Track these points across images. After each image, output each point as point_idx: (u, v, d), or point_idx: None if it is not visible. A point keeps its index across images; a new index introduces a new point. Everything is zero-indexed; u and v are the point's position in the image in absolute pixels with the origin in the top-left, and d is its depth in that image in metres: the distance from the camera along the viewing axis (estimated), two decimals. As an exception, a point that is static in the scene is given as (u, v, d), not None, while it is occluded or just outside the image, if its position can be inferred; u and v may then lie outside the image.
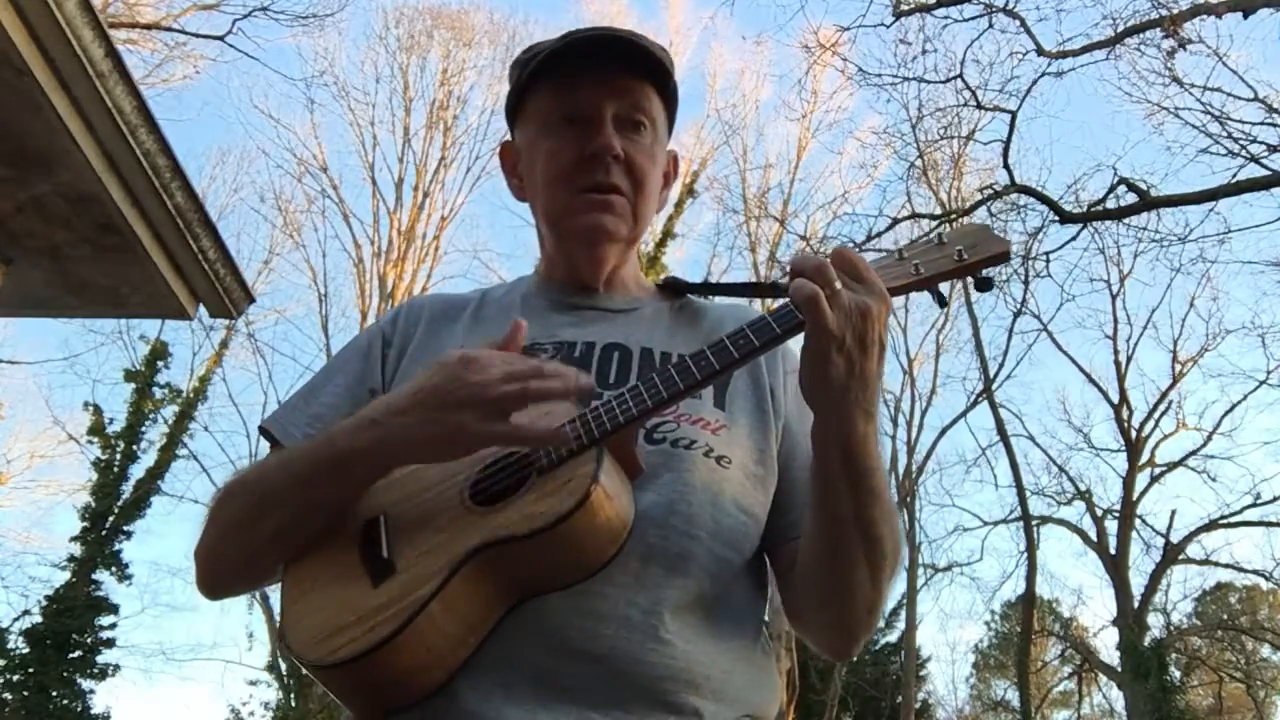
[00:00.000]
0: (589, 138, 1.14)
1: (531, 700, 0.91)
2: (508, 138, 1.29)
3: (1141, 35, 9.85)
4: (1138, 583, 17.34)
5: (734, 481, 1.05)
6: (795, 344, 0.97)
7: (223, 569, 1.07)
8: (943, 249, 0.96)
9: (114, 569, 14.26)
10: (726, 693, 0.98)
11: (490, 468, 0.96)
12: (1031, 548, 16.47)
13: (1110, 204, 9.85)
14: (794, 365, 1.17)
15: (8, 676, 13.06)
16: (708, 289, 1.30)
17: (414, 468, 0.99)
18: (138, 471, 15.18)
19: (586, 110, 1.14)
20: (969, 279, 0.97)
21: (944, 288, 0.98)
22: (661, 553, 0.98)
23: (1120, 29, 9.74)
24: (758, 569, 1.10)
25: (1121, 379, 18.42)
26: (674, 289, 1.29)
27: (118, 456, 15.10)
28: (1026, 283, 13.35)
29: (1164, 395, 18.21)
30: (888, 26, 10.48)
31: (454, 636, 0.90)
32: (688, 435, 1.04)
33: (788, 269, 0.94)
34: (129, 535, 14.59)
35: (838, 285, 0.88)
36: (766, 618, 1.13)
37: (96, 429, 15.45)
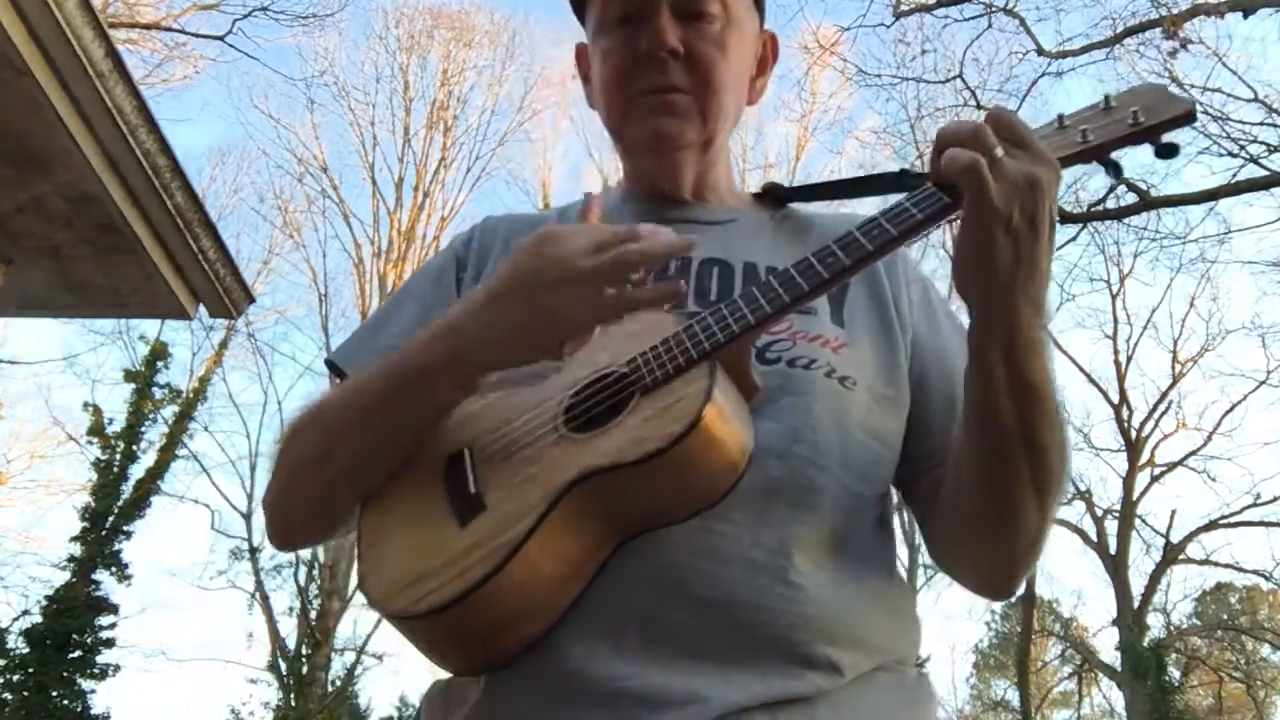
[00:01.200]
0: (642, 34, 1.02)
1: (643, 654, 0.80)
2: (583, 40, 1.18)
3: (1141, 35, 9.86)
4: (1138, 583, 17.36)
5: (861, 404, 0.93)
6: (918, 250, 0.85)
7: (295, 514, 0.97)
8: (1111, 114, 0.83)
9: (114, 569, 14.24)
10: (866, 641, 0.86)
11: (586, 389, 0.85)
12: (1031, 548, 16.43)
13: (1110, 204, 9.86)
14: (917, 274, 1.10)
15: (7, 676, 13.06)
16: (815, 192, 1.18)
17: (501, 394, 0.89)
18: (138, 471, 15.16)
19: (639, 3, 1.03)
20: (1150, 145, 0.83)
21: (1118, 158, 0.84)
22: (787, 485, 0.87)
23: (1120, 29, 9.75)
24: (888, 503, 0.99)
25: (1121, 379, 18.43)
26: (775, 197, 1.16)
27: (117, 457, 15.08)
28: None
29: (1164, 395, 18.22)
30: (888, 27, 10.51)
31: (554, 581, 0.80)
32: (806, 354, 0.93)
33: (937, 138, 0.81)
34: (129, 535, 14.57)
35: (999, 152, 0.75)
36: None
37: (96, 429, 15.43)
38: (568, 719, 0.80)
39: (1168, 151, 0.83)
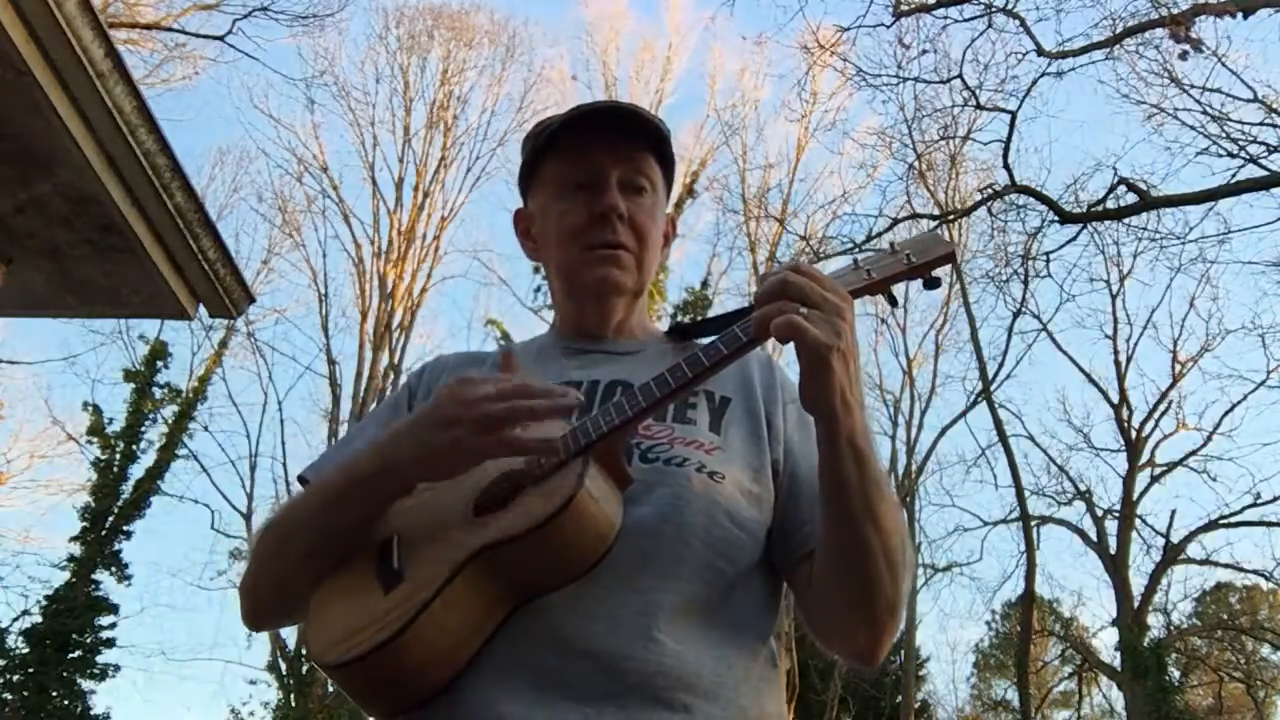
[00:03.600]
0: (596, 200, 1.25)
1: (531, 696, 0.96)
2: (520, 206, 1.42)
3: (1141, 36, 9.85)
4: (1138, 583, 17.35)
5: (727, 495, 1.10)
6: (793, 374, 1.05)
7: (260, 599, 1.16)
8: (894, 255, 1.05)
9: (114, 569, 14.26)
10: (719, 695, 1.01)
11: (492, 484, 1.04)
12: (1031, 548, 16.46)
13: (1110, 204, 9.86)
14: (793, 395, 1.23)
15: (7, 676, 13.06)
16: (708, 326, 1.36)
17: (427, 495, 1.07)
18: (137, 471, 15.19)
19: (594, 175, 1.26)
20: (919, 280, 1.06)
21: (899, 290, 1.08)
22: (654, 558, 1.04)
23: (1120, 29, 9.74)
24: (761, 585, 1.14)
25: (1121, 379, 18.43)
26: (679, 332, 1.37)
27: (117, 456, 15.10)
28: (1026, 283, 13.40)
29: (1164, 395, 18.22)
30: (888, 27, 10.49)
31: (457, 635, 0.97)
32: (681, 454, 1.11)
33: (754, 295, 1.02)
34: (129, 535, 14.60)
35: (804, 310, 0.95)
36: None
37: (96, 429, 15.44)
38: None
39: (932, 284, 1.06)
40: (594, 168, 1.26)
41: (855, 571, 1.03)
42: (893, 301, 1.11)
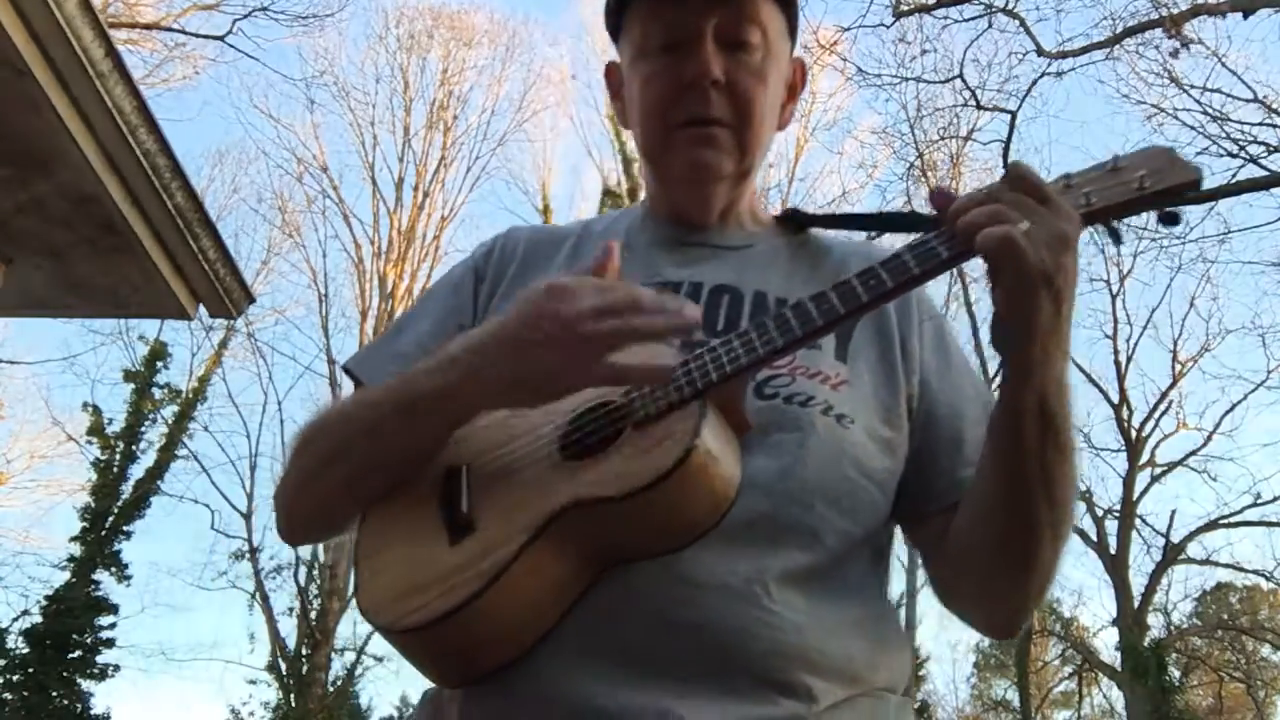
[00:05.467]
0: (685, 63, 1.01)
1: (620, 677, 0.81)
2: (614, 58, 1.17)
3: (1141, 36, 9.86)
4: (1138, 583, 17.34)
5: (856, 443, 0.93)
6: (931, 289, 0.88)
7: (299, 516, 1.01)
8: (1118, 175, 0.82)
9: (114, 569, 14.25)
10: (845, 670, 0.87)
11: (583, 417, 0.87)
12: (1031, 548, 16.43)
13: (1110, 204, 9.83)
14: (930, 311, 1.09)
15: (7, 677, 13.06)
16: (834, 221, 1.18)
17: (502, 415, 0.90)
18: (137, 472, 15.18)
19: (683, 31, 1.02)
20: (1153, 212, 0.84)
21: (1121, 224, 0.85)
22: (770, 519, 0.87)
23: (1120, 29, 9.75)
24: (882, 541, 1.00)
25: (1121, 379, 18.43)
26: (795, 222, 1.16)
27: (117, 457, 15.09)
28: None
29: (1164, 395, 18.22)
30: (888, 27, 10.50)
31: (536, 604, 0.82)
32: (804, 391, 0.93)
33: (931, 199, 0.84)
34: (129, 535, 14.59)
35: (1023, 224, 0.77)
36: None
37: (96, 429, 15.43)
38: None
39: (1170, 219, 0.85)
40: (684, 21, 1.01)
41: (1014, 542, 0.89)
42: (1117, 238, 0.85)
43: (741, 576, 0.85)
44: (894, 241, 0.97)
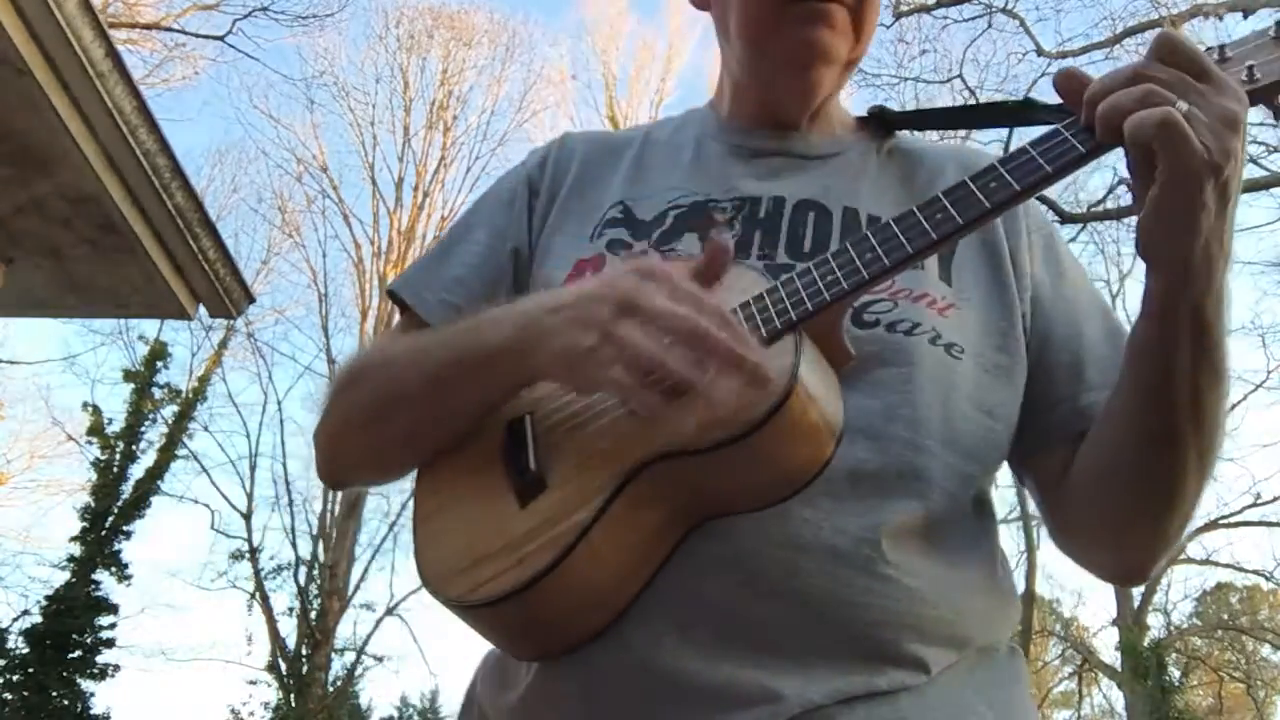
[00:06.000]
0: None
1: (714, 647, 0.74)
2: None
3: (1141, 36, 9.86)
4: (1138, 583, 17.35)
5: (969, 376, 0.84)
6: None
7: (347, 462, 0.94)
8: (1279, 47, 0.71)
9: (114, 569, 14.24)
10: (959, 633, 0.79)
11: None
12: (1031, 547, 16.47)
13: (1110, 204, 9.88)
14: (1040, 221, 0.99)
15: (7, 677, 13.05)
16: (929, 119, 1.08)
17: None
18: (137, 471, 15.16)
19: None
20: None
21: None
22: (879, 469, 0.78)
23: (1120, 29, 9.76)
24: (987, 479, 0.90)
25: (1121, 379, 18.42)
26: (884, 124, 1.05)
27: (117, 456, 15.08)
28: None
29: (1164, 395, 18.21)
30: (887, 27, 10.51)
31: (620, 570, 0.73)
32: (909, 317, 0.83)
33: (1057, 84, 0.73)
34: (129, 535, 14.57)
35: (1182, 105, 0.65)
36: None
37: (96, 429, 15.43)
38: (631, 713, 0.75)
39: None
40: None
41: (1158, 475, 0.80)
42: None
43: (850, 536, 0.76)
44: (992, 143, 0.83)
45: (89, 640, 13.57)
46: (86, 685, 13.41)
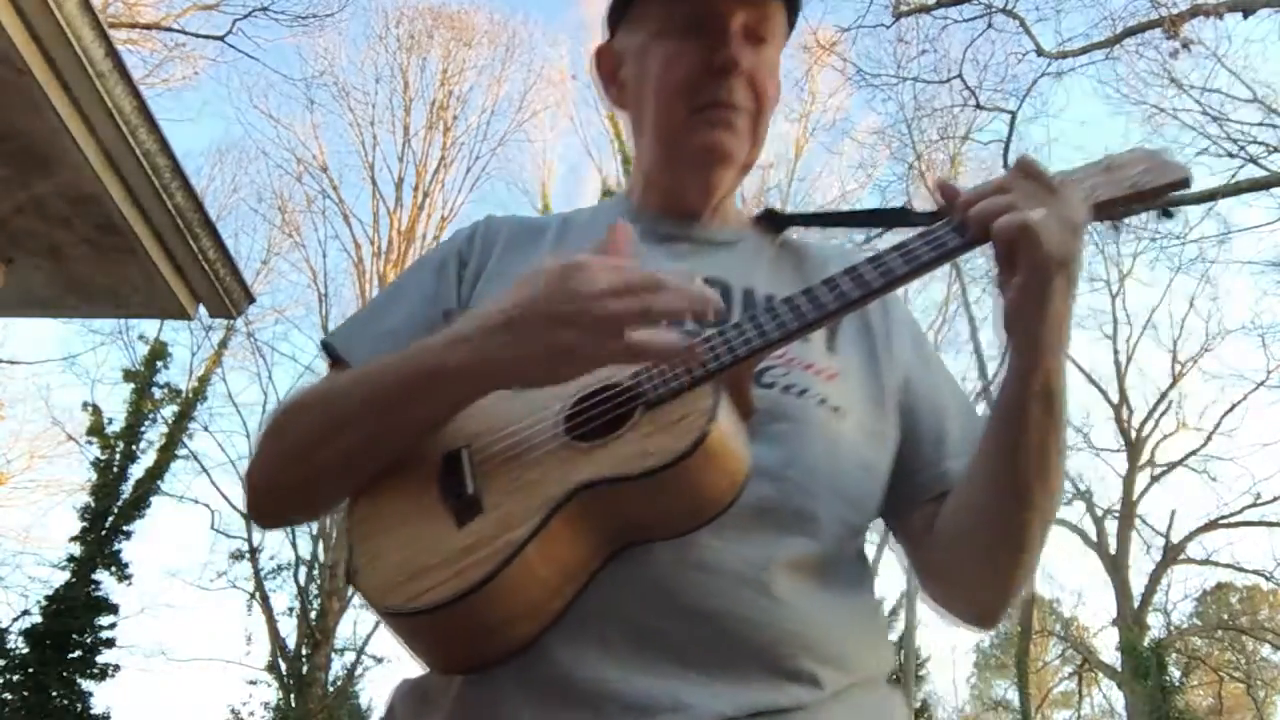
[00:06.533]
0: (714, 49, 1.03)
1: (632, 660, 0.81)
2: (604, 41, 1.17)
3: (1141, 36, 9.86)
4: (1138, 583, 17.37)
5: (851, 435, 0.96)
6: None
7: (282, 494, 0.96)
8: (1112, 174, 0.89)
9: (114, 569, 14.24)
10: (845, 658, 0.89)
11: (588, 399, 0.85)
12: (1031, 548, 16.45)
13: (1110, 204, 9.84)
14: (907, 315, 1.13)
15: (7, 677, 13.05)
16: (814, 219, 1.20)
17: (501, 396, 0.87)
18: (137, 471, 15.16)
19: (713, 18, 1.03)
20: (1149, 207, 0.90)
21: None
22: (778, 506, 0.89)
23: (1120, 29, 9.75)
24: (865, 533, 1.02)
25: (1121, 379, 18.44)
26: (774, 222, 1.16)
27: (117, 456, 15.08)
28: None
29: (1164, 395, 18.24)
30: (888, 27, 10.51)
31: (550, 585, 0.80)
32: (799, 382, 0.95)
33: (938, 191, 0.88)
34: (129, 535, 14.57)
35: (1036, 213, 0.80)
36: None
37: (96, 429, 15.43)
38: None
39: (1168, 213, 0.93)
40: (713, 9, 1.04)
41: (1008, 526, 0.91)
42: (1117, 229, 0.95)
43: (752, 563, 0.86)
44: (872, 247, 0.99)
45: (89, 640, 13.57)
46: (86, 685, 13.41)
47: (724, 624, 0.83)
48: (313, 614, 16.18)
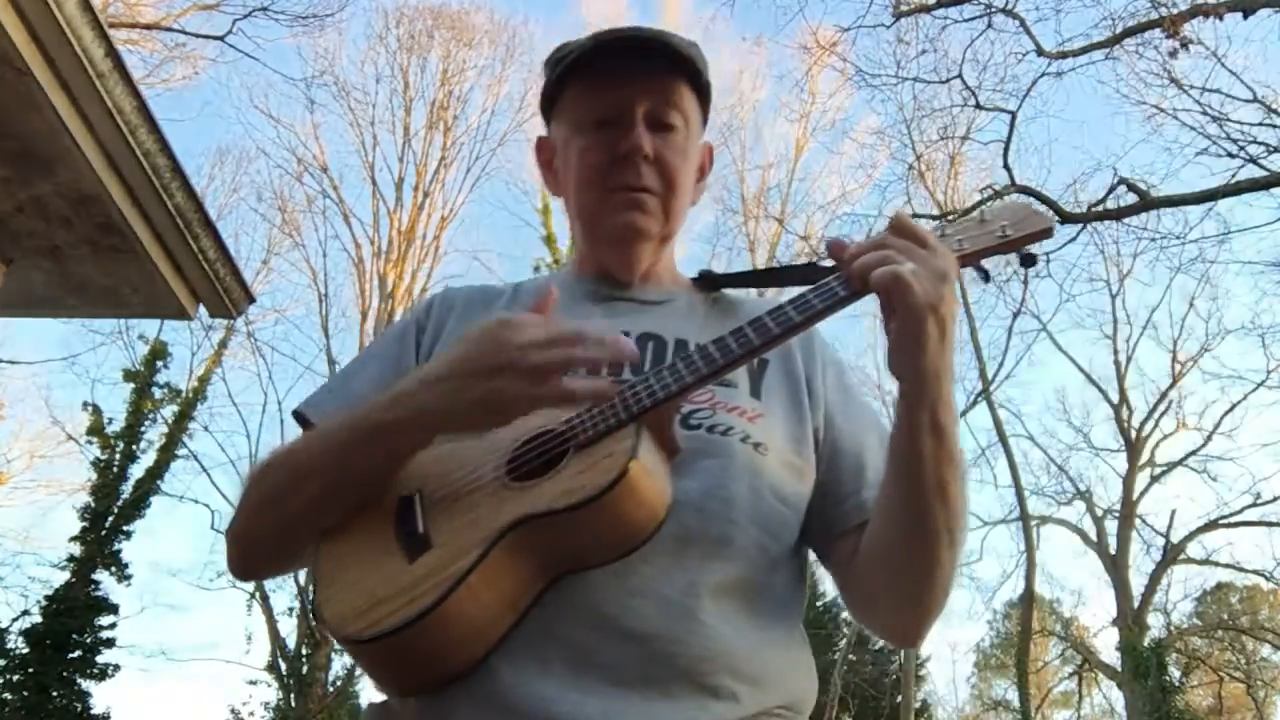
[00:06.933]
0: (620, 139, 1.15)
1: (568, 677, 0.90)
2: (543, 132, 1.30)
3: (1141, 36, 9.86)
4: (1138, 583, 17.37)
5: (772, 469, 1.04)
6: (828, 335, 0.98)
7: (255, 547, 1.06)
8: (985, 226, 0.98)
9: (114, 569, 14.24)
10: (765, 679, 0.96)
11: (527, 445, 0.95)
12: (1031, 548, 16.47)
13: (1110, 204, 9.86)
14: (833, 358, 1.22)
15: (7, 676, 13.05)
16: (743, 279, 1.31)
17: (450, 447, 0.99)
18: (137, 471, 15.16)
19: (617, 111, 1.16)
20: (1014, 255, 0.98)
21: (987, 264, 1.00)
22: (700, 535, 0.98)
23: (1120, 29, 9.75)
24: (797, 563, 1.09)
25: (1121, 379, 18.45)
26: (709, 282, 1.29)
27: (117, 456, 15.08)
28: (1026, 282, 13.37)
29: (1164, 395, 18.24)
30: (888, 27, 10.51)
31: (492, 611, 0.89)
32: (724, 422, 1.04)
33: (828, 249, 0.96)
34: (129, 535, 14.57)
35: (910, 266, 0.88)
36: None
37: (96, 429, 15.43)
38: None
39: (1029, 261, 0.98)
40: (618, 101, 1.16)
41: (916, 550, 0.99)
42: (985, 276, 1.01)
43: (678, 588, 0.95)
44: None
45: (89, 640, 13.56)
46: (86, 685, 13.41)
47: (653, 645, 0.92)
48: (313, 614, 16.17)
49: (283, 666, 16.02)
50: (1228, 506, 17.21)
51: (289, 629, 16.34)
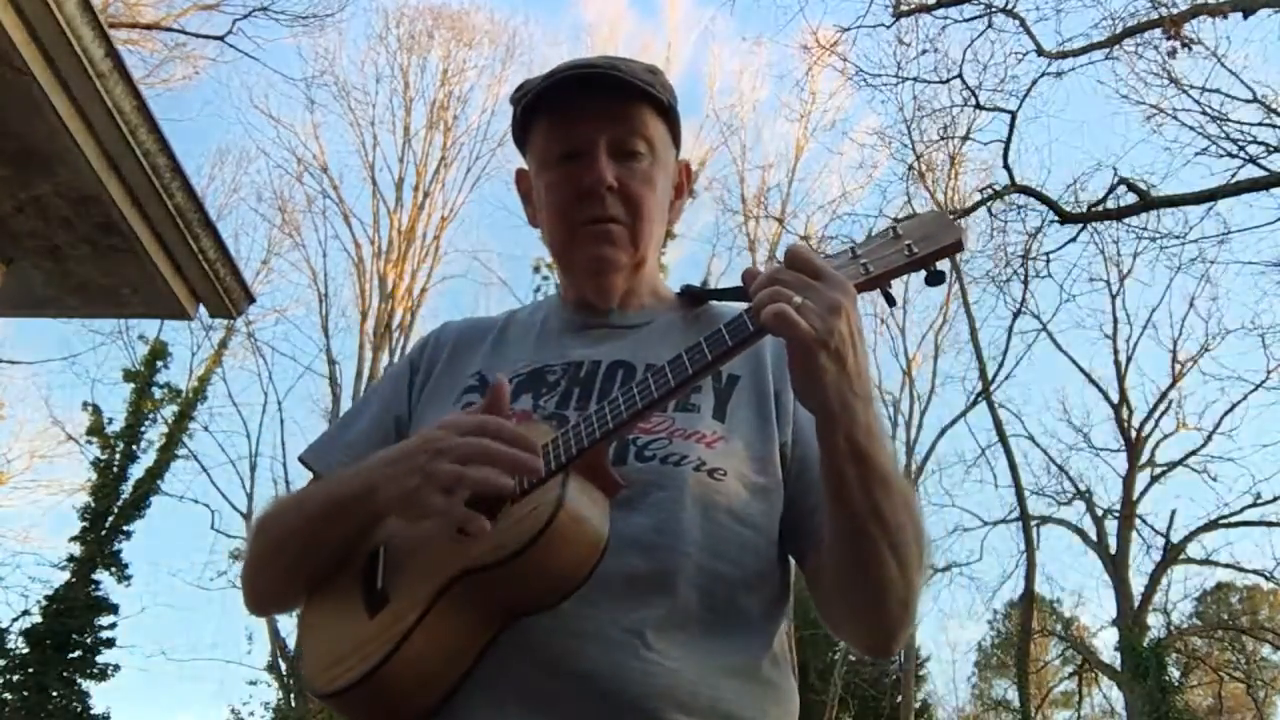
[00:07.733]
0: (584, 172, 1.16)
1: (520, 717, 0.94)
2: (523, 166, 1.33)
3: (1141, 36, 9.85)
4: (1138, 583, 17.35)
5: (729, 493, 1.05)
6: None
7: (258, 594, 1.18)
8: (895, 243, 0.94)
9: (114, 569, 14.25)
10: (718, 710, 0.97)
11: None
12: (1031, 548, 16.46)
13: (1110, 204, 9.85)
14: None
15: (7, 676, 13.06)
16: (721, 294, 1.29)
17: None
18: (137, 471, 15.18)
19: (580, 144, 1.17)
20: (921, 272, 0.94)
21: (898, 284, 0.97)
22: (647, 574, 0.99)
23: (1120, 29, 9.74)
24: (775, 579, 1.09)
25: (1121, 379, 18.43)
26: (691, 297, 1.29)
27: (117, 456, 15.09)
28: (1026, 283, 13.38)
29: (1164, 395, 18.22)
30: (888, 27, 10.50)
31: (441, 660, 0.95)
32: (678, 451, 1.05)
33: (742, 278, 0.95)
34: (129, 535, 14.58)
35: (797, 299, 0.87)
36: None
37: (96, 429, 15.44)
38: None
39: (935, 279, 0.94)
40: (579, 135, 1.17)
41: (862, 570, 0.98)
42: (890, 301, 0.99)
43: (621, 628, 0.96)
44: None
45: (89, 640, 13.58)
46: (86, 685, 13.42)
47: (599, 684, 0.94)
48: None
49: (283, 666, 16.03)
50: (1228, 506, 17.16)
51: (289, 629, 16.35)
